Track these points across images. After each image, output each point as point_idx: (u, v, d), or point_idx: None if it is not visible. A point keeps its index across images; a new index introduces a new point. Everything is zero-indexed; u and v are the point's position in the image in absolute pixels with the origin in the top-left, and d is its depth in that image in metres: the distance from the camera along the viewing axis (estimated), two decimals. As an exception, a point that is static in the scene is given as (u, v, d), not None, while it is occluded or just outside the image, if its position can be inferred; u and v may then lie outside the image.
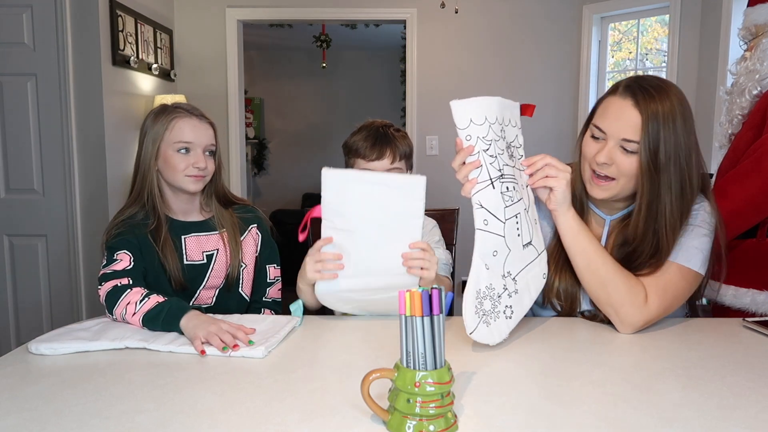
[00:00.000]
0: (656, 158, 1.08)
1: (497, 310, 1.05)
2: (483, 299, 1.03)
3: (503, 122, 1.08)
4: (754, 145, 1.47)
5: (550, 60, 3.69)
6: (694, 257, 1.13)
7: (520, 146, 1.14)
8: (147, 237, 1.34)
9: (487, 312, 1.04)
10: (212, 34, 3.70)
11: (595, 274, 1.12)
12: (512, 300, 1.07)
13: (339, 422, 0.75)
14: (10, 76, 2.72)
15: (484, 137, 1.03)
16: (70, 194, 2.80)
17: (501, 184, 1.05)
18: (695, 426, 0.74)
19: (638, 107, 1.08)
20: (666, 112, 1.07)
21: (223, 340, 1.04)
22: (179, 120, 1.34)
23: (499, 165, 1.05)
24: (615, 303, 1.10)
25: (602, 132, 1.13)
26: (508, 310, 1.06)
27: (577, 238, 1.13)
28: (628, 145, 1.10)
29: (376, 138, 1.34)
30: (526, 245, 1.10)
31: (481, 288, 1.04)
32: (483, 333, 1.02)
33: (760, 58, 1.56)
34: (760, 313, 1.42)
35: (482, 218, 1.05)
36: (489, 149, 1.04)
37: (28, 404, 0.82)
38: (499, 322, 1.05)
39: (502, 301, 1.06)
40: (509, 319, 1.07)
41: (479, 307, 1.02)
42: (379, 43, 6.07)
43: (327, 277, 1.16)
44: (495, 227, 1.05)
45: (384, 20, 3.88)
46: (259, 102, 6.65)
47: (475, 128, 1.03)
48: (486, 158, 1.03)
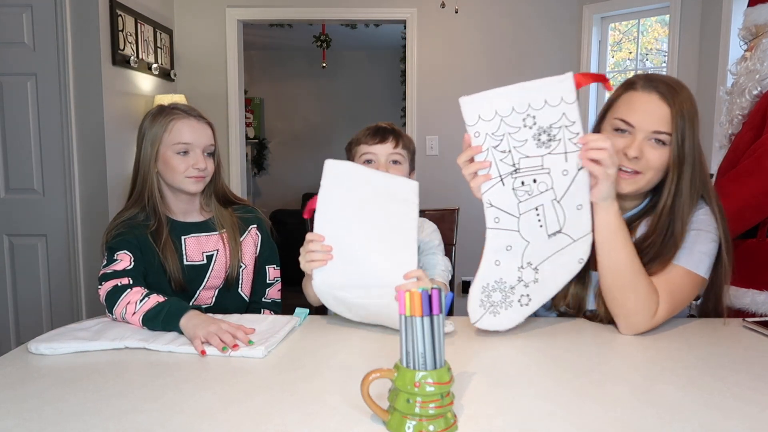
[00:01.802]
0: (683, 152, 1.10)
1: (509, 300, 1.09)
2: (491, 292, 1.09)
3: (530, 108, 1.01)
4: (754, 145, 1.47)
5: (550, 60, 3.69)
6: (702, 263, 1.12)
7: (573, 123, 1.01)
8: (147, 238, 1.34)
9: (496, 303, 1.09)
10: (212, 34, 3.70)
11: (620, 276, 1.08)
12: (530, 289, 1.09)
13: (339, 422, 0.75)
14: (10, 76, 2.72)
15: (493, 133, 1.02)
16: (70, 194, 2.80)
17: (513, 179, 1.04)
18: (695, 426, 0.74)
19: (666, 101, 1.10)
20: (688, 108, 1.10)
21: (222, 339, 1.04)
22: (177, 121, 1.34)
23: (512, 160, 1.03)
24: (630, 308, 1.08)
25: (630, 126, 1.12)
26: (524, 298, 1.09)
27: (615, 236, 1.07)
28: (660, 136, 1.10)
29: (379, 127, 1.36)
30: (553, 234, 1.07)
31: (489, 283, 1.08)
32: (488, 322, 1.09)
33: (760, 58, 1.56)
34: (760, 313, 1.42)
35: (493, 216, 1.06)
36: (499, 145, 1.02)
37: (28, 404, 0.82)
38: (511, 311, 1.09)
39: (516, 291, 1.09)
40: (525, 306, 1.10)
41: (486, 300, 1.08)
42: (379, 43, 6.07)
43: (318, 264, 1.14)
44: (507, 223, 1.06)
45: (384, 20, 3.88)
46: (259, 102, 6.65)
47: (484, 124, 1.02)
48: (496, 154, 1.03)
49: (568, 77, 0.99)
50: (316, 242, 1.14)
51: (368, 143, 1.34)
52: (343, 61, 6.53)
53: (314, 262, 1.14)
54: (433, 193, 3.63)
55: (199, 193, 1.40)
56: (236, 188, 3.77)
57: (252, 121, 6.55)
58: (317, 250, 1.13)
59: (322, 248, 1.13)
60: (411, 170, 1.39)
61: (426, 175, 3.68)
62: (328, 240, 1.14)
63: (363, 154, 1.34)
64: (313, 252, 1.14)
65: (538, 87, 1.00)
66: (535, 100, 1.01)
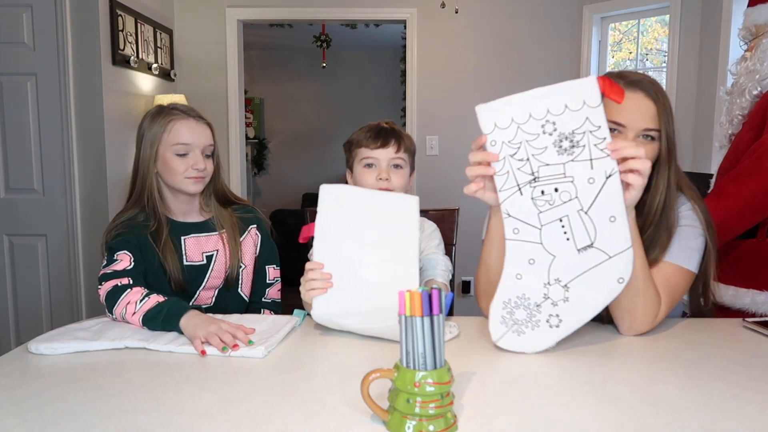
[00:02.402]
0: (672, 145, 1.14)
1: (535, 320, 1.01)
2: (514, 308, 1.02)
3: (549, 114, 0.96)
4: (754, 145, 1.47)
5: (550, 60, 3.69)
6: (693, 258, 1.15)
7: (598, 128, 0.95)
8: (147, 238, 1.33)
9: (521, 321, 1.02)
10: (212, 34, 3.70)
11: (633, 283, 1.06)
12: (559, 309, 1.01)
13: (339, 422, 0.75)
14: (10, 76, 2.72)
15: (510, 141, 0.98)
16: (70, 194, 2.79)
17: (533, 188, 0.98)
18: (695, 426, 0.74)
19: (651, 98, 1.12)
20: (668, 103, 1.14)
21: (222, 339, 1.04)
22: (176, 122, 1.34)
23: (531, 168, 0.98)
24: (636, 312, 1.08)
25: (621, 125, 1.12)
26: (553, 319, 1.01)
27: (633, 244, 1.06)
28: (650, 133, 1.12)
29: (380, 129, 1.33)
30: (583, 249, 0.99)
31: (511, 298, 1.02)
32: (512, 342, 1.02)
33: (760, 58, 1.56)
34: (760, 313, 1.42)
35: (512, 227, 1.01)
36: (517, 153, 0.98)
37: (28, 404, 0.82)
38: (538, 331, 1.01)
39: (543, 310, 1.01)
40: (555, 328, 1.01)
41: (508, 317, 1.02)
42: (379, 43, 6.07)
43: (318, 293, 1.11)
44: (528, 235, 1.00)
45: (384, 20, 3.88)
46: (259, 102, 6.65)
47: (500, 132, 0.98)
48: (513, 163, 0.99)
49: (591, 80, 0.94)
50: (316, 270, 1.11)
51: (369, 147, 1.30)
52: (343, 61, 6.53)
53: (314, 290, 1.11)
54: (433, 193, 3.64)
55: (198, 193, 1.40)
56: (236, 188, 3.77)
57: (252, 121, 6.55)
58: (317, 278, 1.11)
59: (322, 276, 1.11)
60: (411, 171, 1.38)
61: (426, 175, 3.68)
62: (327, 267, 1.11)
63: (363, 158, 1.31)
64: (313, 281, 1.11)
65: (557, 91, 0.96)
66: (555, 104, 0.96)
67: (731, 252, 1.50)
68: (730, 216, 1.42)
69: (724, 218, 1.41)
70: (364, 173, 1.31)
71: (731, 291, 1.47)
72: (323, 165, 6.67)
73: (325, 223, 1.12)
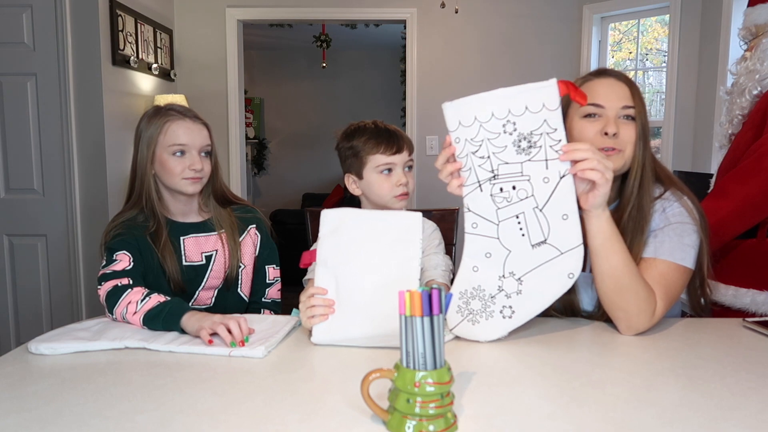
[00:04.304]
0: (646, 125, 1.17)
1: (490, 310, 1.06)
2: (470, 299, 1.07)
3: (510, 114, 0.99)
4: (754, 145, 1.47)
5: (550, 60, 3.69)
6: (689, 255, 1.15)
7: (555, 130, 0.99)
8: (146, 239, 1.33)
9: (476, 311, 1.07)
10: (212, 34, 3.70)
11: (617, 280, 1.07)
12: (512, 300, 1.06)
13: (339, 422, 0.75)
14: (10, 76, 2.72)
15: (472, 138, 1.02)
16: (70, 194, 2.80)
17: (492, 185, 1.03)
18: (695, 426, 0.74)
19: (623, 81, 1.18)
20: (639, 90, 1.18)
21: (229, 329, 1.05)
22: (173, 123, 1.33)
23: (491, 165, 1.02)
24: (630, 310, 1.08)
25: (600, 107, 1.15)
26: (506, 310, 1.06)
27: (609, 242, 1.07)
28: (628, 111, 1.15)
29: (387, 133, 1.32)
30: (537, 245, 1.04)
31: (467, 289, 1.07)
32: (467, 330, 1.07)
33: (760, 58, 1.56)
34: (760, 313, 1.42)
35: (471, 221, 1.05)
36: (478, 150, 1.02)
37: (28, 404, 0.82)
38: (493, 320, 1.06)
39: (497, 301, 1.06)
40: (508, 319, 1.06)
41: (464, 307, 1.07)
42: (379, 43, 6.07)
43: (320, 320, 1.08)
44: (486, 230, 1.05)
45: (384, 20, 3.88)
46: (259, 102, 6.65)
47: (463, 130, 1.02)
48: (474, 160, 1.02)
49: (551, 83, 0.97)
50: (318, 296, 1.10)
51: (386, 153, 1.29)
52: (343, 61, 6.53)
53: (315, 317, 1.08)
54: (433, 193, 3.63)
55: (196, 193, 1.40)
56: (236, 188, 3.77)
57: (252, 121, 6.55)
58: (319, 304, 1.09)
59: (324, 302, 1.09)
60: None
61: (426, 174, 3.68)
62: (331, 293, 1.10)
63: (380, 165, 1.29)
64: (315, 307, 1.09)
65: (519, 92, 0.99)
66: (516, 105, 0.99)
67: (731, 252, 1.50)
68: (730, 215, 1.42)
69: (724, 218, 1.41)
70: (381, 180, 1.30)
71: (731, 291, 1.47)
72: (323, 165, 6.67)
73: (327, 248, 1.12)
